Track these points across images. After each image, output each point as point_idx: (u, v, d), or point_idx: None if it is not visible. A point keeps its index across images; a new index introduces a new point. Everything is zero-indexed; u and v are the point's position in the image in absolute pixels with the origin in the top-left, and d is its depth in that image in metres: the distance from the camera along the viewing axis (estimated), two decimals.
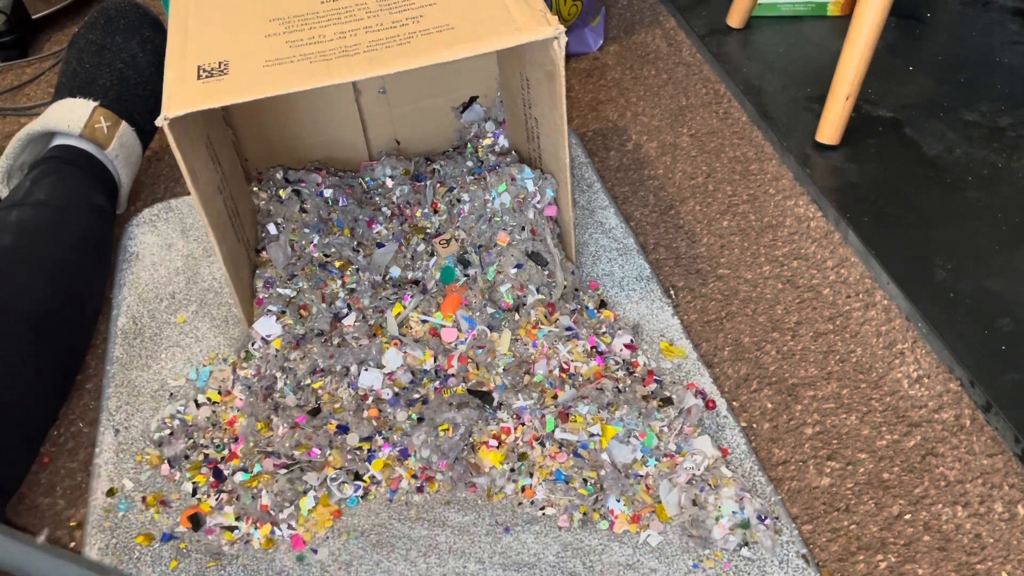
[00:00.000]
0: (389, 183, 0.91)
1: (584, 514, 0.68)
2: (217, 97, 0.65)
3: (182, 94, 0.65)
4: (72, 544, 0.71)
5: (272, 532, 0.68)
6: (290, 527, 0.68)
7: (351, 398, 0.74)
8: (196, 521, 0.69)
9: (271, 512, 0.69)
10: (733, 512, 0.66)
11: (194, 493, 0.71)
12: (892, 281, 0.82)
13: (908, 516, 0.68)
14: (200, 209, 0.70)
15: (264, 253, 0.83)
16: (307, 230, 0.84)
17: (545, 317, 0.79)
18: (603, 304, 0.83)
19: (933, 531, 0.66)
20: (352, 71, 0.66)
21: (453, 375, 0.76)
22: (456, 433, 0.71)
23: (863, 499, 0.69)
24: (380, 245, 0.86)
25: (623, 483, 0.68)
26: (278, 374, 0.77)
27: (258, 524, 0.68)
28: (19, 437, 0.74)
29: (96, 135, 0.92)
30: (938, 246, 0.84)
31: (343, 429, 0.72)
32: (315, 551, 0.67)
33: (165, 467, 0.72)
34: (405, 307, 0.80)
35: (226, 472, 0.71)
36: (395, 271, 0.85)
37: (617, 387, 0.74)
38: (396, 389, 0.75)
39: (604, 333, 0.79)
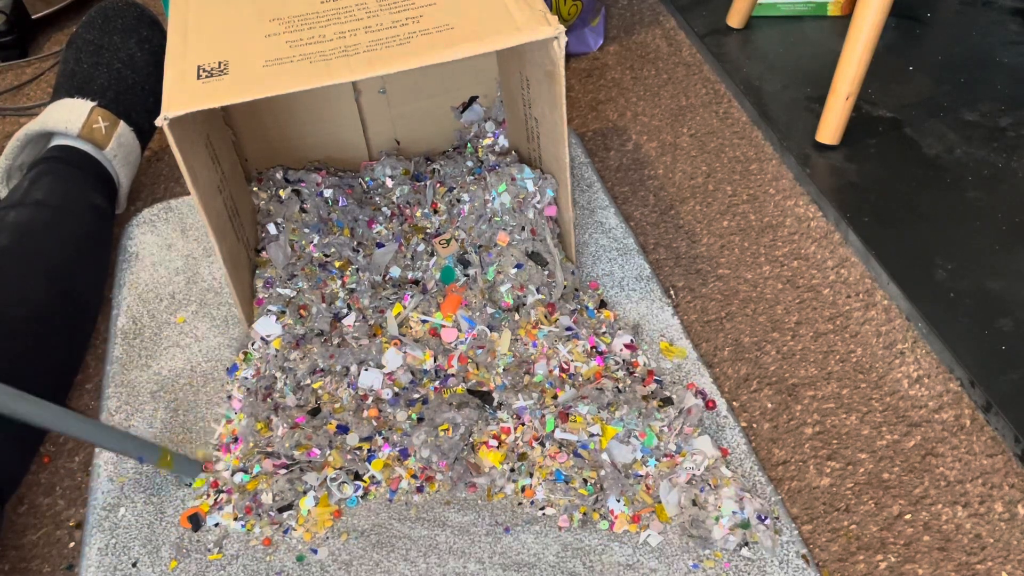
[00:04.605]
0: (389, 183, 0.91)
1: (584, 514, 0.68)
2: (217, 97, 0.65)
3: (182, 94, 0.65)
4: (72, 544, 0.71)
5: (272, 532, 0.68)
6: (290, 527, 0.68)
7: (351, 398, 0.74)
8: (196, 521, 0.69)
9: (271, 512, 0.69)
10: (733, 512, 0.66)
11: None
12: (892, 281, 0.82)
13: (908, 516, 0.68)
14: (200, 209, 0.70)
15: (264, 253, 0.83)
16: (307, 230, 0.84)
17: (545, 317, 0.79)
18: (603, 304, 0.82)
19: (933, 531, 0.66)
20: (352, 71, 0.66)
21: (453, 375, 0.76)
22: (456, 433, 0.71)
23: (863, 499, 0.69)
24: (380, 245, 0.86)
25: (623, 483, 0.68)
26: (278, 374, 0.77)
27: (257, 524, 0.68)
28: (19, 437, 0.74)
29: (94, 135, 0.92)
30: (938, 246, 0.84)
31: (343, 429, 0.72)
32: (315, 551, 0.67)
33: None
34: (405, 307, 0.80)
35: (224, 473, 0.71)
36: (395, 271, 0.85)
37: (617, 387, 0.74)
38: (396, 389, 0.75)
39: (604, 333, 0.79)
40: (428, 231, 0.87)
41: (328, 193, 0.87)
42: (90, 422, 0.67)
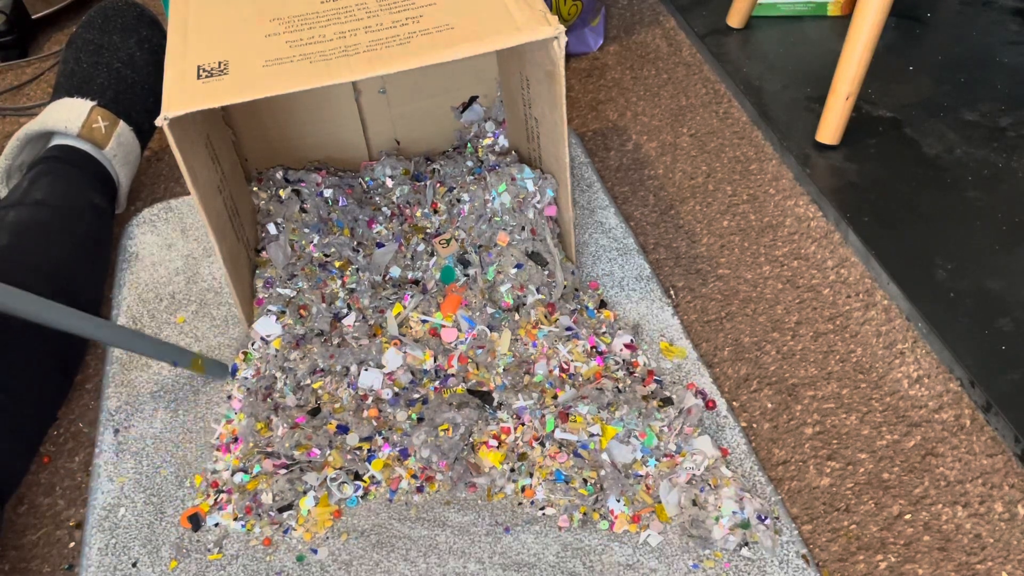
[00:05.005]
0: (389, 183, 0.91)
1: (584, 514, 0.68)
2: (217, 97, 0.65)
3: (182, 94, 0.65)
4: (72, 544, 0.71)
5: (272, 532, 0.68)
6: (290, 527, 0.68)
7: (351, 398, 0.74)
8: (195, 521, 0.69)
9: (271, 512, 0.69)
10: (733, 512, 0.66)
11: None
12: (892, 281, 0.82)
13: (908, 516, 0.68)
14: (200, 209, 0.70)
15: (264, 253, 0.83)
16: (307, 230, 0.84)
17: (545, 317, 0.79)
18: (603, 304, 0.82)
19: (933, 531, 0.66)
20: (352, 71, 0.66)
21: (453, 375, 0.76)
22: (456, 433, 0.71)
23: (863, 499, 0.69)
24: (380, 245, 0.86)
25: (623, 483, 0.68)
26: (278, 374, 0.77)
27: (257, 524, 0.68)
28: (19, 437, 0.74)
29: (94, 135, 0.92)
30: (938, 246, 0.84)
31: (343, 429, 0.72)
32: (315, 551, 0.67)
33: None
34: (405, 307, 0.80)
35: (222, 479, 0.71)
36: (395, 271, 0.85)
37: (617, 387, 0.74)
38: (396, 389, 0.75)
39: (604, 333, 0.79)
40: (428, 231, 0.87)
41: (328, 193, 0.87)
42: (128, 331, 0.71)
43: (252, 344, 0.79)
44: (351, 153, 0.95)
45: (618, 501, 0.68)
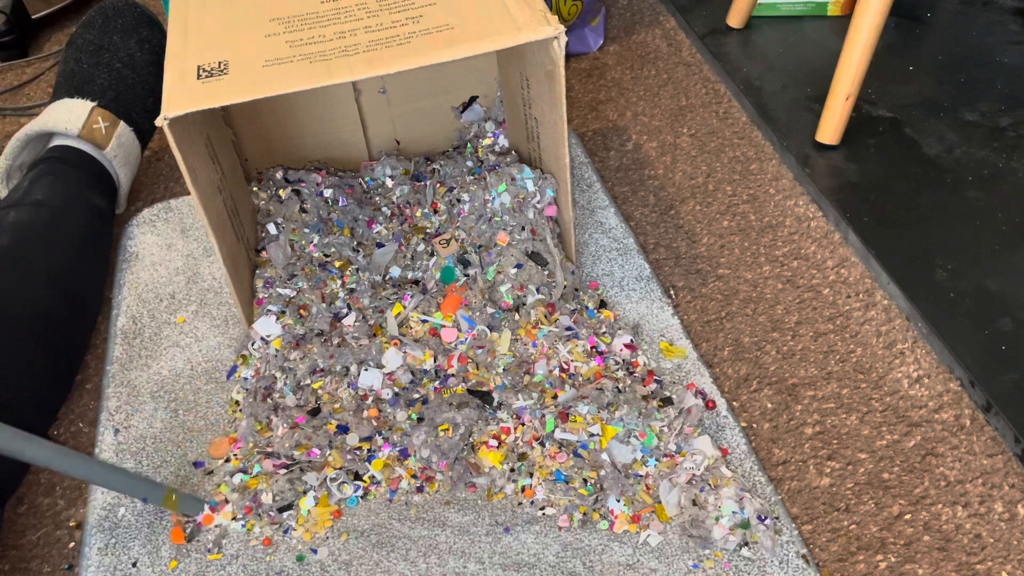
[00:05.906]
0: (389, 183, 0.91)
1: (584, 514, 0.68)
2: (217, 97, 0.65)
3: (182, 94, 0.65)
4: (72, 544, 0.71)
5: (271, 531, 0.68)
6: (290, 527, 0.68)
7: (351, 398, 0.74)
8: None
9: (271, 512, 0.69)
10: (733, 512, 0.66)
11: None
12: (892, 281, 0.82)
13: (908, 516, 0.68)
14: (200, 209, 0.70)
15: (264, 253, 0.83)
16: (307, 230, 0.84)
17: (545, 317, 0.79)
18: (603, 304, 0.82)
19: (933, 531, 0.66)
20: (352, 71, 0.66)
21: (453, 375, 0.76)
22: (456, 433, 0.71)
23: (863, 499, 0.69)
24: (380, 245, 0.86)
25: (623, 483, 0.68)
26: (278, 374, 0.77)
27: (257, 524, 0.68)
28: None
29: (94, 135, 0.92)
30: (938, 246, 0.84)
31: (343, 429, 0.72)
32: (315, 551, 0.67)
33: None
34: (405, 307, 0.80)
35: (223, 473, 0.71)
36: (395, 271, 0.85)
37: (617, 387, 0.74)
38: (396, 389, 0.75)
39: (604, 333, 0.79)
40: (428, 231, 0.87)
41: (328, 193, 0.87)
42: (93, 461, 0.65)
43: (252, 344, 0.79)
44: (351, 153, 0.95)
45: (618, 501, 0.68)
